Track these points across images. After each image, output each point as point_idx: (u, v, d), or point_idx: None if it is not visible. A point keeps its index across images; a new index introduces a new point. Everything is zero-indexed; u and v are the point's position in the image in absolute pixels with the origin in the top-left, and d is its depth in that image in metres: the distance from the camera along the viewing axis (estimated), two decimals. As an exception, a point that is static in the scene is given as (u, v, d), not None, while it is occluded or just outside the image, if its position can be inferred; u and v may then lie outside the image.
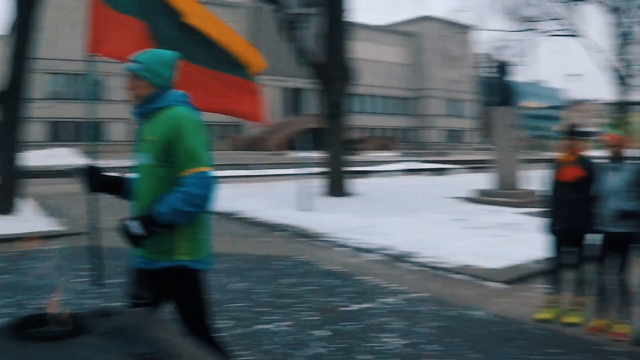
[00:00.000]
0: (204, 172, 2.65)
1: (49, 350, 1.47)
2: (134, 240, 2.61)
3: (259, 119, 4.32)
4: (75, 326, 1.60)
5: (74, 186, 5.04)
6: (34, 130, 39.51)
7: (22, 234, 9.17)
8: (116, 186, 3.13)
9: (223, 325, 4.79)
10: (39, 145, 37.12)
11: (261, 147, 51.53)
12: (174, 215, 2.60)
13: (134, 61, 2.89)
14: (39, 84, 9.99)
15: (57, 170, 22.15)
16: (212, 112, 4.10)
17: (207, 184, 2.65)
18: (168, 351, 1.59)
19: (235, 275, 7.01)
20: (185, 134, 2.70)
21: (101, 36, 4.06)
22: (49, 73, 47.74)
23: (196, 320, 2.88)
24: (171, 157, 2.72)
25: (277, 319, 5.29)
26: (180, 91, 2.95)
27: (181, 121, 2.74)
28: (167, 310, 2.90)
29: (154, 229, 2.61)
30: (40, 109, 40.90)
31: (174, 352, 1.60)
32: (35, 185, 13.68)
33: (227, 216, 12.08)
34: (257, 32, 59.14)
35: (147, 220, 2.61)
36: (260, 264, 7.75)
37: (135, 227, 2.58)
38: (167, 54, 2.98)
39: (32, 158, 10.76)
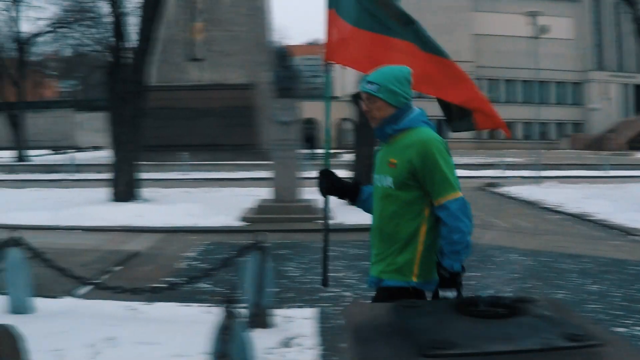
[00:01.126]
0: (461, 198, 2.77)
1: (500, 326, 1.73)
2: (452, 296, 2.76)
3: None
4: (507, 309, 1.83)
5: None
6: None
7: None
8: (349, 192, 3.32)
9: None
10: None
11: (604, 147, 50.17)
12: (458, 258, 2.73)
13: (368, 82, 2.97)
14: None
15: None
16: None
17: (467, 209, 2.77)
18: (594, 335, 1.71)
19: (589, 277, 7.40)
20: (437, 160, 2.79)
21: (337, 45, 4.17)
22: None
23: None
24: (414, 181, 2.83)
25: (633, 323, 5.52)
26: (420, 109, 3.00)
27: (430, 145, 2.82)
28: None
29: (459, 281, 2.76)
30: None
31: (598, 336, 1.72)
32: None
33: (577, 218, 12.66)
34: (599, 26, 57.33)
35: (451, 281, 2.74)
36: (614, 267, 8.03)
37: (450, 293, 2.73)
38: (400, 70, 3.00)
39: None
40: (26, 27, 50.50)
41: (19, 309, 5.58)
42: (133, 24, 15.57)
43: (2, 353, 4.07)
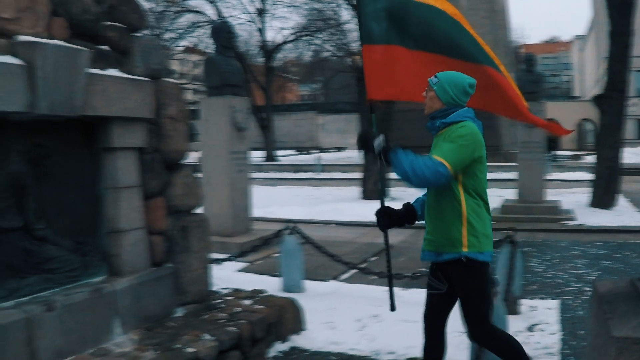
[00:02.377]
0: (442, 165, 3.24)
1: None
2: (365, 145, 3.49)
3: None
4: None
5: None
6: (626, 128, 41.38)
7: (618, 227, 11.00)
8: (406, 218, 3.87)
9: None
10: (630, 143, 38.32)
11: None
12: (398, 164, 3.30)
13: (435, 75, 3.57)
14: (632, 83, 11.27)
15: None
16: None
17: (437, 172, 3.23)
18: None
19: None
20: (451, 139, 3.34)
21: (379, 81, 4.29)
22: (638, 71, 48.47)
23: (477, 309, 3.51)
24: (469, 167, 3.37)
25: None
26: (466, 107, 3.52)
27: (457, 130, 3.37)
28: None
29: (383, 157, 3.41)
30: (632, 107, 42.57)
31: None
32: (626, 182, 15.10)
33: None
34: None
35: (387, 149, 3.39)
36: None
37: (379, 143, 3.42)
38: (461, 77, 3.53)
39: (624, 155, 13.35)
40: (271, 35, 55.55)
41: (291, 288, 6.67)
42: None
43: (287, 319, 5.14)
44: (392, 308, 4.17)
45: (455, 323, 4.76)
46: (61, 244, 4.04)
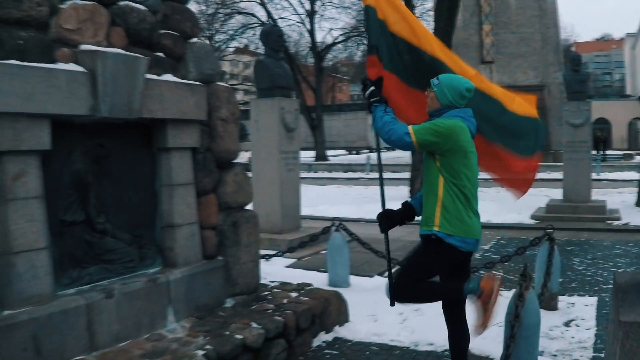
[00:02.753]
0: (409, 135, 3.57)
1: None
2: (363, 90, 3.99)
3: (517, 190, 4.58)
4: None
5: None
6: None
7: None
8: (406, 216, 4.03)
9: None
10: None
11: None
12: (374, 118, 3.78)
13: (437, 77, 3.79)
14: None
15: None
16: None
17: (401, 139, 3.61)
18: None
19: None
20: (430, 122, 3.65)
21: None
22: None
23: (410, 277, 3.78)
24: (443, 157, 3.61)
25: None
26: (464, 109, 3.74)
27: (440, 119, 3.65)
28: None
29: (368, 97, 3.90)
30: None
31: None
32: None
33: None
34: None
35: (373, 96, 3.87)
36: None
37: (368, 93, 3.92)
38: (459, 81, 3.76)
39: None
40: (321, 36, 55.70)
41: (337, 283, 6.81)
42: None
43: (331, 311, 5.30)
44: (392, 303, 4.21)
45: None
46: (120, 237, 4.28)
